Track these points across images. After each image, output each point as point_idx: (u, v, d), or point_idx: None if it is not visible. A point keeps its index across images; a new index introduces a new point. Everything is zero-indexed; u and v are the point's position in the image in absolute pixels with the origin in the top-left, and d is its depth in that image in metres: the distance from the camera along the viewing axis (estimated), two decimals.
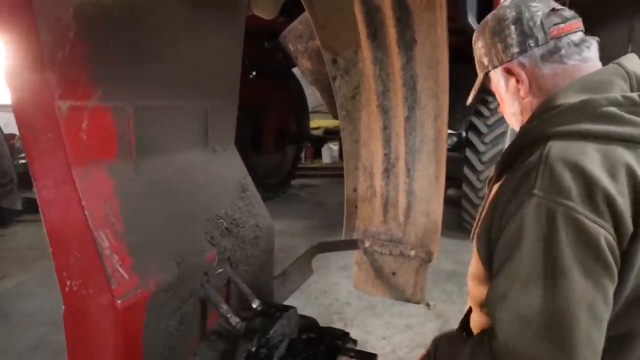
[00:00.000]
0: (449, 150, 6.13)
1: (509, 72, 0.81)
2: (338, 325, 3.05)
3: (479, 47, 0.86)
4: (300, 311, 2.89)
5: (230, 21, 1.08)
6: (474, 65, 0.91)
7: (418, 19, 1.40)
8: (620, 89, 0.72)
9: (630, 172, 0.64)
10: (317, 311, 3.24)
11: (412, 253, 1.96)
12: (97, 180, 0.75)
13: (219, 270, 0.95)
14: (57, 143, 0.70)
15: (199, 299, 0.90)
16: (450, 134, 5.41)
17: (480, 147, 4.30)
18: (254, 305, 0.96)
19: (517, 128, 0.85)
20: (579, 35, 0.78)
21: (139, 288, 0.74)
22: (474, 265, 0.85)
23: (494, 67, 0.83)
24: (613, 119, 0.68)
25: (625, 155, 0.66)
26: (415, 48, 1.50)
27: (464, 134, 4.62)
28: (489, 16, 0.84)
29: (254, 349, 0.83)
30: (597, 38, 0.80)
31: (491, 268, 0.75)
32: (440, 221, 1.91)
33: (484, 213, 0.82)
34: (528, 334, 0.63)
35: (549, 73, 0.79)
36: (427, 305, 3.40)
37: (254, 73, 5.51)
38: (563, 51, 0.77)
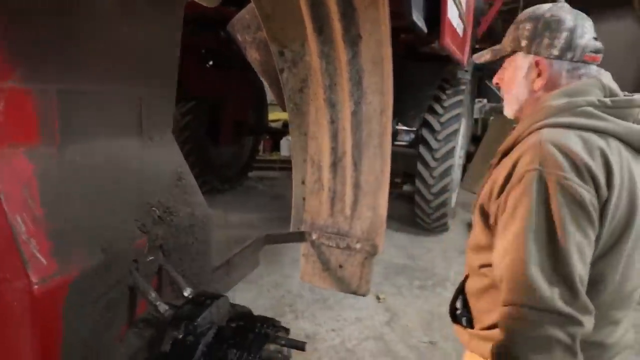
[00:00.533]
0: (405, 146, 6.31)
1: (538, 64, 0.96)
2: (289, 317, 3.08)
3: (524, 28, 0.96)
4: (253, 304, 2.90)
5: (168, 7, 1.06)
6: (426, 63, 0.98)
7: (362, 15, 1.43)
8: (596, 96, 0.91)
9: (603, 154, 0.84)
10: (269, 303, 3.26)
11: (358, 246, 2.01)
12: (15, 164, 0.72)
13: (150, 258, 0.94)
14: None
15: (127, 286, 0.89)
16: (407, 131, 5.57)
17: (434, 144, 4.43)
18: (185, 294, 0.96)
19: (511, 107, 1.03)
20: (597, 67, 0.97)
21: (59, 274, 0.73)
22: (475, 235, 1.01)
23: (529, 52, 0.96)
24: (589, 115, 0.88)
25: (598, 141, 0.86)
26: (361, 44, 1.53)
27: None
28: (549, 10, 0.95)
29: (180, 336, 0.83)
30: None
31: (492, 233, 0.93)
32: (385, 215, 1.96)
33: (483, 190, 0.97)
34: (540, 269, 0.80)
35: (565, 84, 0.96)
36: (377, 298, 3.49)
37: (210, 63, 5.41)
38: (584, 74, 0.95)
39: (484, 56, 1.07)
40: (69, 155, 0.81)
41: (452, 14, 2.51)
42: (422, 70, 3.93)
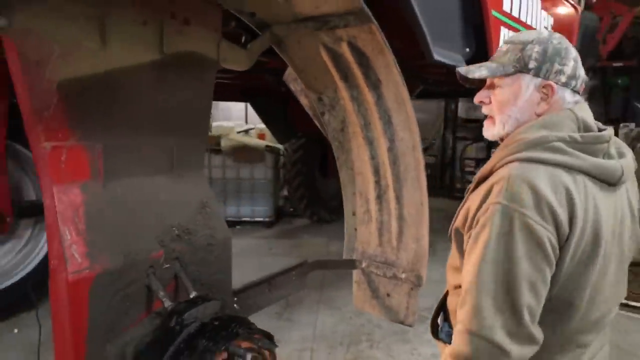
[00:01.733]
0: None
1: (546, 87, 0.99)
2: (364, 345, 3.18)
3: (533, 50, 0.99)
4: (332, 328, 3.08)
5: (199, 75, 1.41)
6: None
7: (375, 61, 1.59)
8: (569, 129, 0.96)
9: (568, 191, 0.89)
10: (348, 330, 3.40)
11: (404, 276, 2.08)
12: (71, 194, 1.10)
13: (166, 266, 1.25)
14: (44, 169, 1.07)
15: (145, 286, 1.20)
16: None
17: None
18: (191, 296, 1.24)
19: (503, 129, 1.05)
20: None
21: (87, 269, 1.07)
22: (452, 256, 1.13)
23: (537, 75, 0.99)
24: (558, 151, 0.92)
25: (565, 177, 0.90)
26: (382, 87, 1.68)
27: None
28: (554, 37, 1.02)
29: (171, 325, 1.11)
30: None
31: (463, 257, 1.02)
32: (427, 247, 2.00)
33: (460, 214, 1.05)
34: (491, 298, 0.88)
35: (564, 108, 1.03)
36: None
37: None
38: (574, 101, 1.02)
39: (480, 72, 1.05)
40: (109, 189, 1.18)
41: None
42: None
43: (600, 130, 1.00)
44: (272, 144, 6.51)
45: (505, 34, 2.36)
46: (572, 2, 3.68)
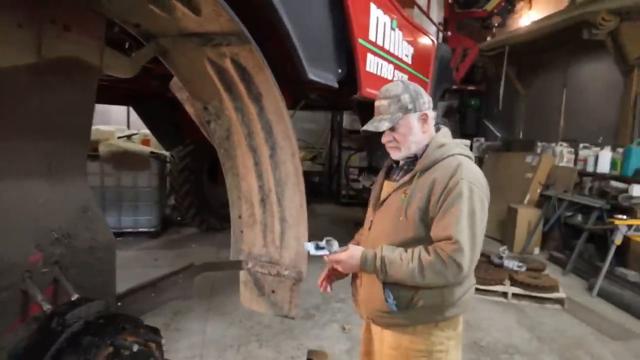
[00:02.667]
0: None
1: (424, 116, 1.51)
2: (253, 346, 3.31)
3: (404, 99, 1.49)
4: (223, 332, 3.12)
5: (80, 81, 1.43)
6: None
7: (256, 77, 1.76)
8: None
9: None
10: (238, 333, 3.49)
11: (287, 273, 2.26)
12: None
13: (44, 270, 1.25)
14: None
15: (20, 290, 1.19)
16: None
17: None
18: (73, 298, 1.26)
19: (410, 151, 1.54)
20: None
21: None
22: (406, 232, 1.47)
23: (415, 111, 1.50)
24: (467, 149, 1.54)
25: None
26: (263, 100, 1.86)
27: None
28: (407, 83, 1.55)
29: (53, 326, 1.12)
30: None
31: (423, 226, 1.45)
32: None
33: (417, 197, 1.44)
34: (467, 238, 1.36)
35: (432, 123, 1.56)
36: (343, 328, 3.66)
37: None
38: (433, 115, 1.56)
39: (384, 125, 1.49)
40: None
41: (377, 67, 2.86)
42: None
43: None
44: (157, 150, 6.28)
45: (370, 59, 2.74)
46: (430, 36, 4.33)
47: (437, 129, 1.59)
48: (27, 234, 1.23)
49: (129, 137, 6.97)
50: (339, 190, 9.57)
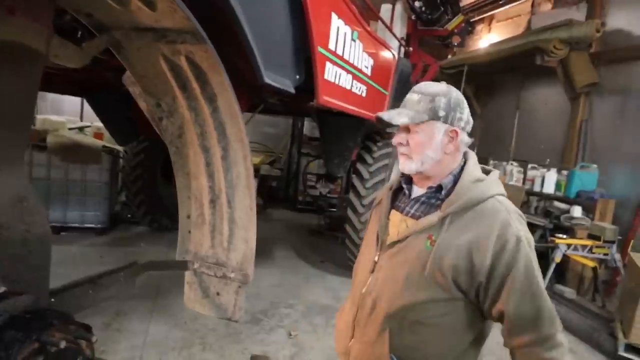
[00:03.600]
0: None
1: (453, 132, 1.22)
2: (196, 349, 3.25)
3: (440, 101, 1.20)
4: (166, 334, 3.05)
5: (23, 68, 1.38)
6: (343, 117, 1.30)
7: (211, 77, 1.76)
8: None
9: None
10: (181, 335, 3.42)
11: (233, 275, 2.25)
12: None
13: None
14: None
15: None
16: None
17: (362, 192, 4.76)
18: None
19: (420, 165, 1.24)
20: None
21: None
22: (427, 292, 1.18)
23: (445, 122, 1.21)
24: (502, 184, 1.27)
25: None
26: (217, 101, 1.86)
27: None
28: (452, 90, 1.25)
29: None
30: None
31: (463, 291, 1.17)
32: (255, 248, 2.22)
33: (451, 249, 1.14)
34: (549, 305, 1.14)
35: (463, 149, 1.28)
36: (289, 334, 3.67)
37: None
38: (468, 142, 1.28)
39: (402, 119, 1.21)
40: None
41: (335, 76, 2.93)
42: (340, 124, 4.34)
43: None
44: (110, 144, 6.06)
45: (329, 68, 2.80)
46: (391, 50, 4.46)
47: (464, 156, 1.31)
48: None
49: (81, 129, 6.68)
50: (296, 196, 9.59)
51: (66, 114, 7.99)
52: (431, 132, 1.21)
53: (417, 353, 1.22)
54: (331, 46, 2.78)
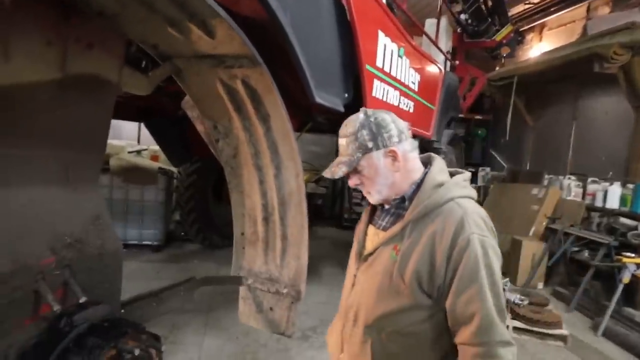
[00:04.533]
0: None
1: (391, 152, 1.22)
2: None
3: (362, 135, 1.21)
4: (219, 348, 3.14)
5: (99, 97, 1.52)
6: None
7: (265, 98, 1.85)
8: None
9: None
10: (233, 350, 3.49)
11: (285, 291, 2.30)
12: None
13: (56, 272, 1.31)
14: None
15: (33, 291, 1.25)
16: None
17: None
18: (81, 301, 1.32)
19: (382, 193, 1.27)
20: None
21: None
22: (398, 299, 1.19)
23: (378, 148, 1.22)
24: (469, 187, 1.25)
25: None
26: (270, 121, 1.94)
27: None
28: (367, 116, 1.24)
29: (60, 326, 1.18)
30: None
31: (429, 296, 1.17)
32: (306, 264, 2.26)
33: (413, 257, 1.16)
34: (494, 308, 1.11)
35: (412, 156, 1.26)
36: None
37: None
38: (415, 145, 1.27)
39: (341, 170, 1.24)
40: (7, 195, 1.23)
41: (383, 93, 2.96)
42: None
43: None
44: (165, 166, 6.39)
45: (377, 85, 2.84)
46: (437, 65, 4.45)
47: (428, 160, 1.33)
48: (42, 238, 1.30)
49: (138, 152, 7.12)
50: (342, 213, 9.58)
51: (125, 139, 8.54)
52: (372, 164, 1.24)
53: None
54: (378, 64, 2.83)
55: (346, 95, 2.55)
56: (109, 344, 1.17)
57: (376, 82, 2.82)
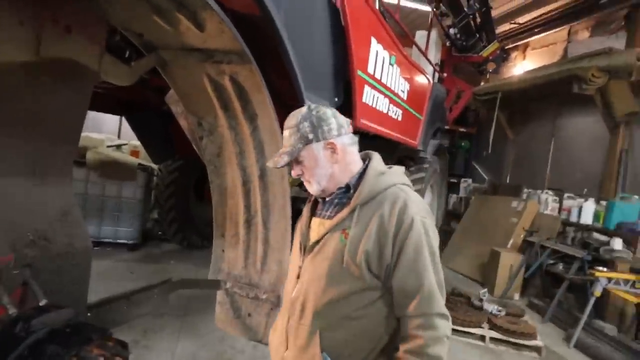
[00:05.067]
0: None
1: (330, 144, 1.27)
2: None
3: (304, 127, 1.26)
4: (194, 354, 3.01)
5: (76, 84, 1.42)
6: (377, 141, 1.58)
7: (253, 97, 1.78)
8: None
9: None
10: (208, 356, 3.37)
11: (265, 297, 2.21)
12: None
13: (14, 272, 1.20)
14: None
15: None
16: None
17: None
18: (41, 304, 1.21)
19: (320, 183, 1.30)
20: None
21: None
22: (343, 285, 1.23)
23: (318, 140, 1.27)
24: (407, 177, 1.33)
25: None
26: (257, 120, 1.87)
27: None
28: (310, 110, 1.29)
29: (16, 331, 1.07)
30: None
31: (377, 277, 1.21)
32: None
33: (362, 237, 1.21)
34: (435, 282, 1.19)
35: (351, 150, 1.32)
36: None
37: None
38: (354, 140, 1.33)
39: (283, 160, 1.28)
40: None
41: (373, 99, 2.92)
42: (373, 147, 4.29)
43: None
44: (146, 162, 6.22)
45: (367, 91, 2.79)
46: (426, 76, 4.44)
47: (366, 156, 1.38)
48: (0, 233, 1.19)
49: (118, 146, 6.91)
50: None
51: (105, 132, 8.30)
52: (312, 155, 1.29)
53: (348, 348, 1.25)
54: (370, 70, 2.78)
55: (336, 99, 2.50)
56: (70, 352, 1.07)
57: (367, 89, 2.77)
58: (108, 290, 1.75)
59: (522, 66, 9.07)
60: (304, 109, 1.30)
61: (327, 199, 1.37)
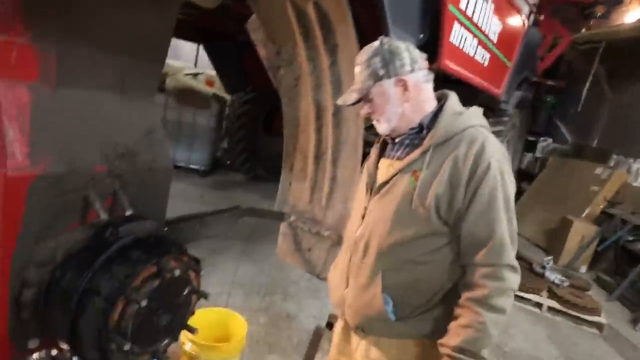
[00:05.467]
0: None
1: (401, 81, 1.21)
2: (278, 297, 3.38)
3: (375, 63, 1.21)
4: (252, 278, 3.23)
5: (163, 3, 1.42)
6: (456, 87, 1.37)
7: (337, 27, 1.68)
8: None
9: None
10: (265, 281, 3.59)
11: (327, 234, 2.25)
12: (17, 91, 1.10)
13: (106, 181, 1.29)
14: None
15: (82, 196, 1.24)
16: None
17: None
18: (127, 213, 1.30)
19: (390, 123, 1.26)
20: None
21: (27, 169, 1.09)
22: (412, 227, 1.19)
23: (389, 77, 1.21)
24: (485, 120, 1.27)
25: None
26: (339, 52, 1.78)
27: None
28: (382, 44, 1.23)
29: (106, 235, 1.17)
30: None
31: (439, 219, 1.17)
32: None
33: (434, 179, 1.15)
34: (507, 234, 1.14)
35: (425, 87, 1.26)
36: None
37: None
38: (429, 77, 1.26)
39: (351, 98, 1.26)
40: (59, 95, 1.18)
41: (461, 39, 2.66)
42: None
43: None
44: (219, 93, 6.37)
45: (456, 29, 2.55)
46: (522, 16, 3.98)
47: (441, 96, 1.30)
48: (96, 144, 1.26)
49: (195, 75, 7.11)
50: None
51: (183, 60, 8.55)
52: (383, 92, 1.23)
53: (409, 291, 1.23)
54: (462, 6, 2.52)
55: (421, 35, 2.31)
56: (151, 261, 1.15)
57: (456, 26, 2.53)
58: (180, 210, 1.85)
59: (636, 13, 7.85)
60: (375, 43, 1.24)
61: (397, 139, 1.31)
